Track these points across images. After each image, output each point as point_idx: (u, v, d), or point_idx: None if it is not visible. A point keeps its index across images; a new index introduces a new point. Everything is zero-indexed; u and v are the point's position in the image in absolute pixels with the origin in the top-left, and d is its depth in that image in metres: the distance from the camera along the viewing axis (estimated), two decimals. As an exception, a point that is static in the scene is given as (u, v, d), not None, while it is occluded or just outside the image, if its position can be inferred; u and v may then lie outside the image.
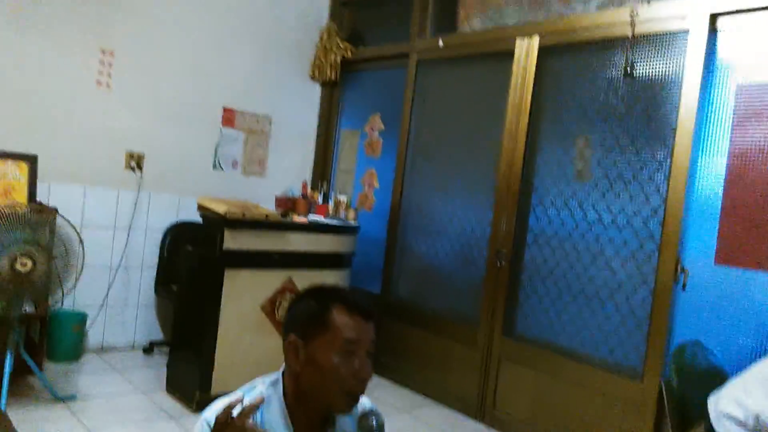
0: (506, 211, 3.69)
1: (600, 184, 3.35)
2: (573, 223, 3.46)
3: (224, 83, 4.53)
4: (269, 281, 3.57)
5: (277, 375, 1.36)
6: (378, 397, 3.84)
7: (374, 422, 1.34)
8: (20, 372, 3.20)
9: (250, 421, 1.12)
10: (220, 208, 3.35)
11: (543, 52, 3.61)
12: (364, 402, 1.43)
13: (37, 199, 3.63)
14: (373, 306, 1.37)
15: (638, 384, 3.02)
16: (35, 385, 3.31)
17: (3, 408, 2.87)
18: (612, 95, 3.32)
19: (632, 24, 3.16)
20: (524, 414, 3.52)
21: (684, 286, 2.95)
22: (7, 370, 2.93)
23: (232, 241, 3.39)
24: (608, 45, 3.32)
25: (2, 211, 2.98)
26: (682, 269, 2.95)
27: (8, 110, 3.67)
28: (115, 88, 4.05)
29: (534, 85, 3.63)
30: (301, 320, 1.32)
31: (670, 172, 3.00)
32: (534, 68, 3.62)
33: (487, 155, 3.86)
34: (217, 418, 1.12)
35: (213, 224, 3.41)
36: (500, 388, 3.67)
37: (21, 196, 3.56)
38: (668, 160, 3.03)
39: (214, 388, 3.31)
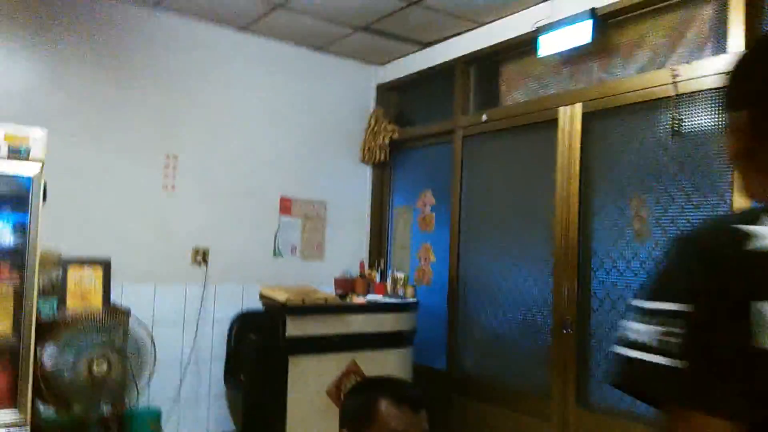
0: (567, 276, 3.63)
1: (660, 243, 3.28)
2: (637, 284, 3.36)
3: (280, 174, 4.74)
4: (333, 365, 3.60)
5: None
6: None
7: None
8: (100, 473, 3.30)
9: None
10: (281, 297, 3.45)
11: (587, 117, 3.64)
12: None
13: (112, 300, 3.82)
14: (422, 396, 1.38)
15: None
16: (114, 485, 3.38)
17: None
18: (662, 154, 3.29)
19: (674, 84, 3.17)
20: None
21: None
22: (87, 472, 3.03)
23: (294, 327, 3.46)
24: (652, 106, 3.32)
25: (79, 316, 3.16)
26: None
27: (83, 218, 3.94)
28: (179, 189, 4.30)
29: (581, 149, 3.64)
30: (351, 414, 1.36)
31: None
32: (579, 133, 3.65)
33: (542, 222, 3.85)
34: None
35: (275, 312, 3.50)
36: (581, 464, 3.50)
37: (96, 300, 3.76)
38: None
39: (286, 478, 3.31)
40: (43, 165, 3.11)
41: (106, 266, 3.85)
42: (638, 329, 0.88)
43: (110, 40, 4.09)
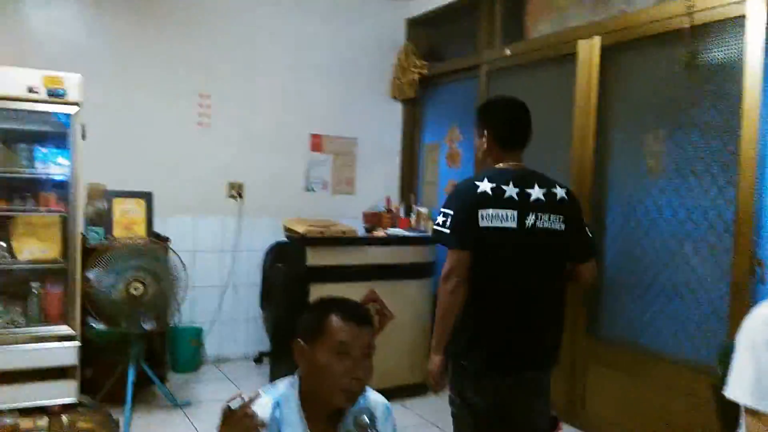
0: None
1: (673, 178, 3.28)
2: (648, 220, 3.40)
3: (310, 111, 4.91)
4: (352, 293, 3.77)
5: (295, 376, 1.57)
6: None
7: (365, 419, 1.51)
8: (145, 382, 3.70)
9: (250, 411, 1.35)
10: (301, 228, 3.68)
11: (605, 51, 3.59)
12: (376, 398, 1.62)
13: (155, 230, 4.16)
14: (368, 314, 1.55)
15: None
16: (158, 393, 3.79)
17: (129, 413, 3.36)
18: (676, 88, 3.24)
19: (689, 15, 3.08)
20: (613, 416, 3.48)
21: (762, 279, 2.83)
22: (130, 379, 3.42)
23: (314, 257, 3.69)
24: (668, 38, 3.25)
25: (119, 243, 3.50)
26: (759, 262, 2.83)
27: (126, 154, 4.25)
28: (214, 126, 4.55)
29: (599, 84, 3.61)
30: (305, 327, 1.52)
31: (739, 162, 2.89)
32: (597, 68, 3.61)
33: (560, 156, 3.87)
34: (222, 410, 1.36)
35: (296, 243, 3.74)
36: (588, 391, 3.65)
37: (140, 229, 4.10)
38: (737, 150, 2.92)
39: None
40: (80, 106, 3.38)
41: (148, 198, 4.18)
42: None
43: (144, -17, 4.29)
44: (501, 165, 2.20)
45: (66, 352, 3.35)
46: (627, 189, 3.52)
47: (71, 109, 3.34)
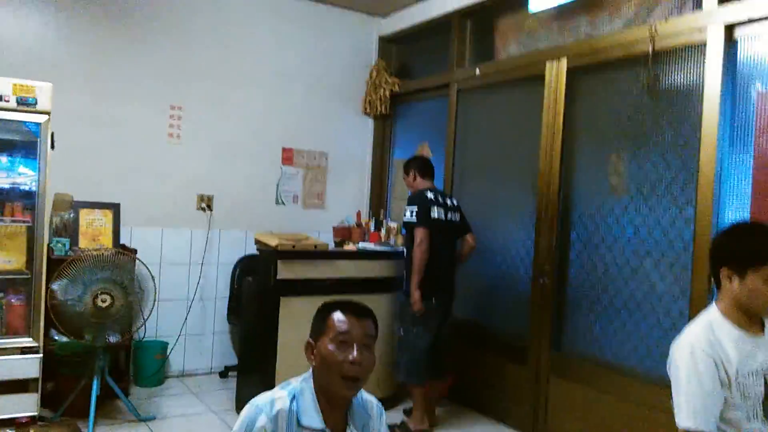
0: (547, 228, 3.78)
1: (635, 197, 3.39)
2: (611, 237, 3.50)
3: (282, 125, 4.93)
4: (322, 307, 3.83)
5: (309, 371, 1.69)
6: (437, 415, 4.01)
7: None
8: (109, 396, 3.64)
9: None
10: (273, 242, 3.68)
11: (571, 73, 3.71)
12: (369, 397, 1.78)
13: (121, 242, 4.12)
14: (367, 308, 1.69)
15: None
16: (122, 407, 3.72)
17: (91, 427, 3.29)
18: (638, 110, 3.37)
19: (651, 40, 3.22)
20: (575, 428, 3.55)
21: (719, 296, 2.93)
22: (93, 392, 3.36)
23: (286, 271, 3.69)
24: (631, 63, 3.39)
25: (87, 254, 3.45)
26: (716, 279, 2.93)
27: (94, 165, 4.20)
28: (184, 138, 4.53)
29: (565, 105, 3.72)
30: (313, 328, 1.67)
31: (697, 183, 3.01)
32: (564, 89, 3.73)
33: (527, 175, 3.98)
34: None
35: (267, 256, 3.74)
36: (551, 404, 3.72)
37: (107, 241, 4.06)
38: (696, 171, 3.04)
39: (275, 408, 3.60)
40: (49, 115, 3.34)
41: (115, 210, 4.14)
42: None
43: (117, -7, 4.27)
44: (428, 186, 3.91)
45: (28, 364, 3.27)
46: (591, 207, 3.63)
47: (41, 118, 3.30)
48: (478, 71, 4.36)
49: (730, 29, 2.95)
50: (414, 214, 3.67)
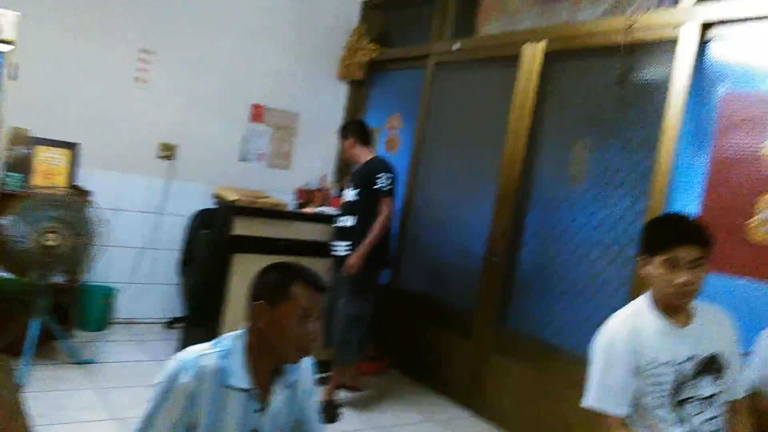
0: (505, 210, 3.79)
1: (591, 187, 3.42)
2: (564, 223, 3.54)
3: (255, 81, 4.83)
4: (275, 267, 3.81)
5: (242, 331, 1.66)
6: (376, 384, 4.05)
7: None
8: (49, 337, 3.58)
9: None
10: (232, 196, 3.63)
11: (548, 57, 3.69)
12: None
13: (78, 183, 4.02)
14: (325, 281, 1.71)
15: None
16: (60, 349, 3.67)
17: (27, 365, 3.25)
18: (606, 101, 3.38)
19: (628, 31, 3.21)
20: (510, 404, 3.62)
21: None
22: (31, 331, 3.30)
23: (242, 227, 3.66)
24: (607, 52, 3.38)
25: (38, 192, 3.37)
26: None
27: (54, 102, 4.08)
28: (153, 84, 4.41)
29: (538, 89, 3.72)
30: (268, 289, 1.62)
31: (654, 176, 3.04)
32: (538, 73, 3.71)
33: (492, 156, 3.97)
34: None
35: (224, 211, 3.69)
36: (490, 379, 3.78)
37: (61, 180, 3.95)
38: (653, 165, 3.07)
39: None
40: (14, 45, 3.22)
41: (74, 149, 4.03)
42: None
43: (92, -76, 4.10)
44: (374, 154, 3.84)
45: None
46: (549, 192, 3.66)
47: (4, 48, 3.18)
48: (458, 46, 4.31)
49: (704, 28, 2.95)
50: (390, 182, 3.58)
